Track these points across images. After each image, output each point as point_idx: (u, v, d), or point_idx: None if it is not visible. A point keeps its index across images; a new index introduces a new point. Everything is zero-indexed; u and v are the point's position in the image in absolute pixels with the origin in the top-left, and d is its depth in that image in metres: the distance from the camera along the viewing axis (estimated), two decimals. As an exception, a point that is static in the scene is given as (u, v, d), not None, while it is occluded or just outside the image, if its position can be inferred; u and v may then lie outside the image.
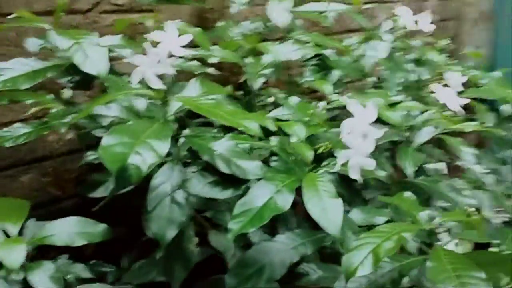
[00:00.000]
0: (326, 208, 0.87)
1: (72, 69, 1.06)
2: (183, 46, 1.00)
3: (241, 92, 1.37)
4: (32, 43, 1.08)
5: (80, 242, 0.96)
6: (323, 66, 1.31)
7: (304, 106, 1.13)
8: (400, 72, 1.41)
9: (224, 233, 1.16)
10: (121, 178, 0.82)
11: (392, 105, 1.17)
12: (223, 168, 0.94)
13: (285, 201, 0.89)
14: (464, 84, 1.26)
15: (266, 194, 0.90)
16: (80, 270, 1.15)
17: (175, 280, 1.06)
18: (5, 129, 1.15)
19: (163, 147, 0.85)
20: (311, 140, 1.02)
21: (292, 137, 1.00)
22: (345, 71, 1.33)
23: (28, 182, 1.36)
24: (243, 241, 1.11)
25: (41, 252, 1.09)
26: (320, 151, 0.95)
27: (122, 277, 1.21)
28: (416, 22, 1.44)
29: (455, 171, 1.40)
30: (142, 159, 0.83)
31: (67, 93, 1.22)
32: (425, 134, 1.17)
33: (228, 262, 1.10)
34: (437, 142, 1.30)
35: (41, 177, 1.38)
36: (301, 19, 1.53)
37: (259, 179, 0.93)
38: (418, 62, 1.49)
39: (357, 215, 1.04)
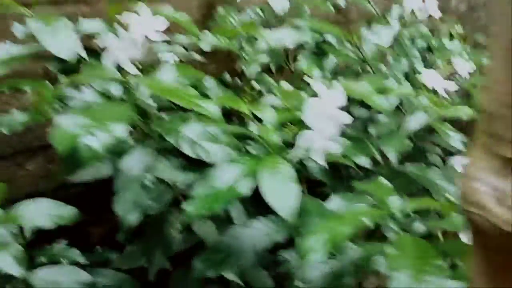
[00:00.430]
0: (281, 192, 0.84)
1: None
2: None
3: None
4: (19, 29, 1.10)
5: (48, 224, 0.96)
6: (319, 52, 1.28)
7: (291, 93, 1.11)
8: (406, 58, 1.36)
9: (208, 219, 1.16)
10: (71, 160, 0.82)
11: (383, 91, 1.13)
12: (187, 150, 0.93)
13: (245, 185, 0.87)
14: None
15: (227, 177, 0.89)
16: (76, 255, 1.16)
17: (153, 265, 1.06)
18: (3, 116, 1.16)
19: (121, 129, 0.85)
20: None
21: (263, 121, 0.98)
22: (343, 58, 1.30)
23: (34, 169, 1.39)
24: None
25: (43, 237, 1.11)
26: (287, 134, 0.93)
27: (112, 263, 1.22)
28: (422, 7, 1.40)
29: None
30: (96, 140, 0.83)
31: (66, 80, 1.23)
32: (416, 120, 1.12)
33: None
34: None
35: (47, 164, 1.40)
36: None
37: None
38: (429, 49, 1.45)
39: (338, 201, 1.01)
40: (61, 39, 0.95)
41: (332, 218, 0.85)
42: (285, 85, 1.17)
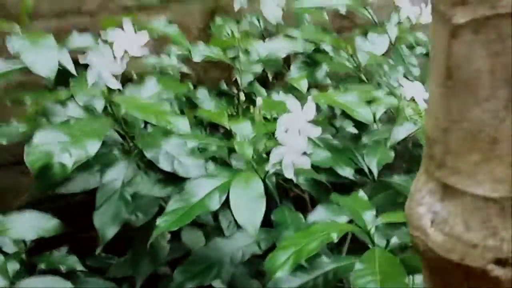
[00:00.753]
0: (248, 208, 0.86)
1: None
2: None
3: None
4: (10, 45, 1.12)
5: (32, 236, 1.00)
6: (311, 62, 1.29)
7: (275, 104, 1.12)
8: (403, 66, 1.36)
9: (198, 229, 1.18)
10: (44, 177, 0.84)
11: (371, 101, 1.14)
12: (165, 166, 0.95)
13: (215, 200, 0.89)
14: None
15: (201, 192, 0.90)
16: (74, 262, 1.19)
17: (140, 275, 1.08)
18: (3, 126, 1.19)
19: (94, 146, 0.87)
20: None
21: (237, 135, 0.99)
22: (335, 67, 1.30)
23: (38, 177, 1.42)
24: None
25: (48, 243, 1.14)
26: (261, 149, 0.94)
27: (108, 271, 1.24)
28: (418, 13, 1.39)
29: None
30: (70, 157, 0.85)
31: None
32: (403, 131, 1.12)
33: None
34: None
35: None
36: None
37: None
38: (427, 56, 1.43)
39: (321, 213, 1.01)
40: (42, 57, 0.97)
41: (301, 232, 0.86)
42: (275, 95, 1.18)
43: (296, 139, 0.88)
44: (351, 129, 1.30)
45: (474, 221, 0.56)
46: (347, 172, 1.08)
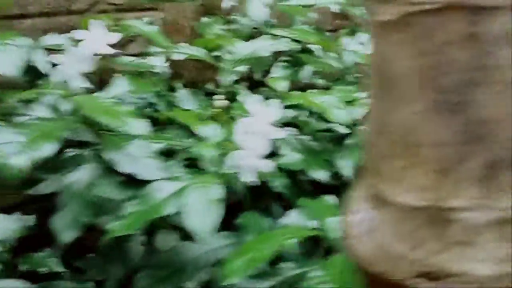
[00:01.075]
0: (201, 212, 0.83)
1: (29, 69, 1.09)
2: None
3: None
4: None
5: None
6: (295, 62, 1.25)
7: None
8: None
9: (174, 232, 1.15)
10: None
11: (351, 102, 1.10)
12: (126, 167, 0.92)
13: (173, 204, 0.86)
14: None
15: (159, 195, 0.88)
16: (54, 264, 1.18)
17: (110, 278, 1.06)
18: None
19: (50, 148, 0.85)
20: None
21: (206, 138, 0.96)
22: (321, 67, 1.27)
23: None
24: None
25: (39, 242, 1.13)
26: (222, 152, 0.91)
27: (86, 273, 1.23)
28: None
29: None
30: (25, 159, 0.83)
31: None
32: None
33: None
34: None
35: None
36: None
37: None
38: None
39: (293, 217, 0.98)
40: (7, 56, 0.96)
41: (260, 237, 0.83)
42: (253, 96, 1.15)
43: (255, 142, 0.85)
44: (342, 129, 1.27)
45: (402, 231, 0.53)
46: (320, 174, 1.04)
